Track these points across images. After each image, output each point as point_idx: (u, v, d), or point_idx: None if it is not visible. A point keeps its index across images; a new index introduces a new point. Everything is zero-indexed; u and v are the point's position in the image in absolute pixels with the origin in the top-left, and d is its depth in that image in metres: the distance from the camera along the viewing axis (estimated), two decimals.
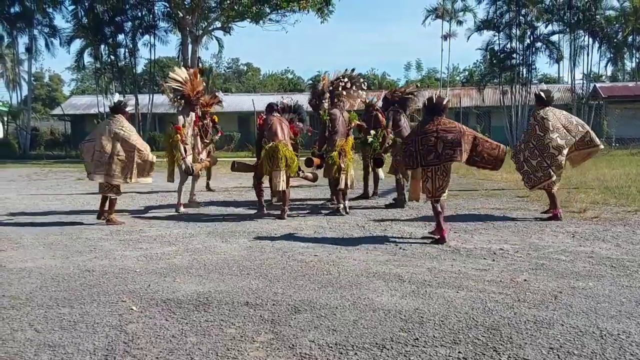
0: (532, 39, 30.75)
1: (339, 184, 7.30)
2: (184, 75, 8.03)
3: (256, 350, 2.86)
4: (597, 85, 31.82)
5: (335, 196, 7.73)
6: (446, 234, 5.50)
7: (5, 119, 33.49)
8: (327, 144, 7.32)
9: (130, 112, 7.23)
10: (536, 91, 6.96)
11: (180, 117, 7.75)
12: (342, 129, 7.37)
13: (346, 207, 7.44)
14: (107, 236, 6.08)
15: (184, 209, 7.86)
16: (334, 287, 3.95)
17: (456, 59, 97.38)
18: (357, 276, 4.23)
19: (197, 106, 8.08)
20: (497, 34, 30.92)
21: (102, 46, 29.16)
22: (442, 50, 48.86)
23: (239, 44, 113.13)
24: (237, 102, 33.05)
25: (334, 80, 7.71)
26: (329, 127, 7.28)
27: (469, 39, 32.78)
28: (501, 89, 31.33)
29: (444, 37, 35.52)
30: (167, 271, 4.47)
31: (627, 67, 37.92)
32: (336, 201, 7.58)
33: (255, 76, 62.62)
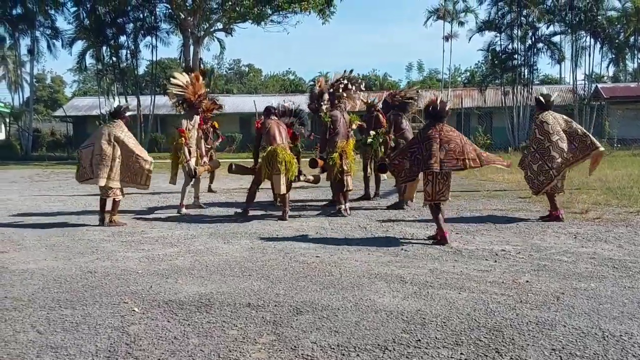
0: (533, 39, 30.73)
1: (344, 186, 7.30)
2: (184, 79, 8.05)
3: (258, 351, 2.87)
4: (598, 86, 31.82)
5: (337, 197, 7.73)
6: (448, 235, 5.50)
7: (7, 120, 33.57)
8: (328, 146, 7.32)
9: (131, 113, 7.27)
10: (536, 95, 7.03)
11: (184, 120, 7.78)
12: (343, 131, 7.37)
13: (347, 208, 7.44)
14: (109, 237, 6.09)
15: (185, 210, 7.88)
16: (335, 288, 3.95)
17: (458, 60, 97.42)
18: (359, 277, 4.23)
19: (200, 109, 8.13)
20: (498, 34, 30.92)
21: (104, 48, 29.21)
22: (443, 51, 48.39)
23: (240, 45, 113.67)
24: (239, 103, 33.14)
25: (334, 82, 7.71)
26: (330, 129, 7.29)
27: (470, 39, 32.82)
28: (503, 90, 31.29)
29: (446, 38, 35.47)
30: (169, 272, 4.48)
31: (629, 67, 37.86)
32: (339, 202, 7.57)
33: (256, 77, 62.70)
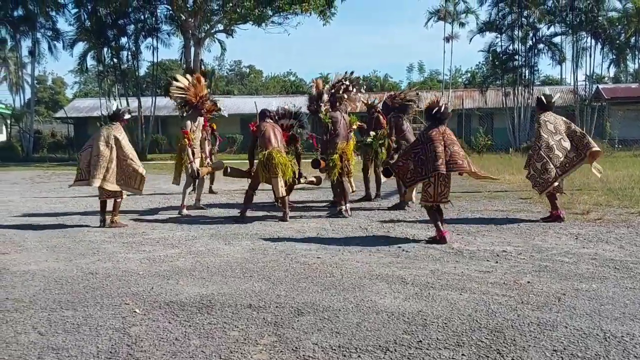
0: (534, 40, 30.71)
1: (344, 187, 7.29)
2: (185, 82, 8.08)
3: (259, 352, 2.87)
4: (599, 86, 31.81)
5: (338, 198, 7.73)
6: (447, 234, 5.50)
7: (8, 122, 33.61)
8: (328, 147, 7.32)
9: (132, 115, 7.29)
10: (538, 95, 7.07)
11: (187, 122, 7.81)
12: (344, 132, 7.37)
13: (348, 209, 7.44)
14: (110, 239, 6.09)
15: (186, 211, 7.89)
16: (337, 289, 3.95)
17: (458, 61, 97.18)
18: (360, 278, 4.23)
19: (203, 110, 8.14)
20: (499, 35, 30.90)
21: (105, 49, 29.20)
22: (444, 52, 48.71)
23: (241, 46, 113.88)
24: (240, 104, 33.18)
25: (335, 83, 7.71)
26: (330, 130, 7.29)
27: (471, 41, 32.73)
28: (503, 91, 31.29)
29: (446, 39, 35.41)
30: (170, 274, 4.48)
31: (630, 68, 37.83)
32: (340, 203, 7.57)
33: (257, 78, 62.74)
